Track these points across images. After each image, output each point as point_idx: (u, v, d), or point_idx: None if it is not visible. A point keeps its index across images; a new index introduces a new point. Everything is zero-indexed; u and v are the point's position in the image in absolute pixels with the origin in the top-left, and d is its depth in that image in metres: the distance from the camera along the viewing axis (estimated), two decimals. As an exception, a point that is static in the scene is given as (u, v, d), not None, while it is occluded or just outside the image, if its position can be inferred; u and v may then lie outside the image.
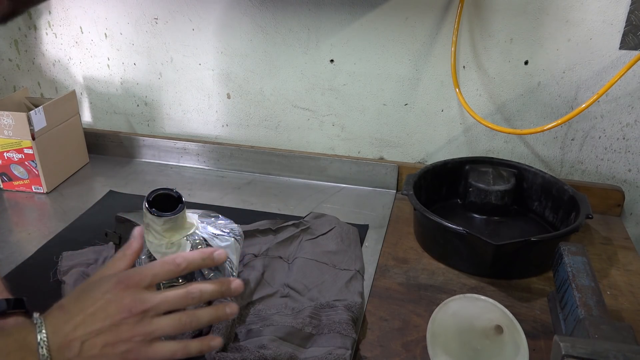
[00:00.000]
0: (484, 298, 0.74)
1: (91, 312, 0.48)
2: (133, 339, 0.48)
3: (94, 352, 0.48)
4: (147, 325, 0.49)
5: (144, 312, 0.49)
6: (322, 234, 0.94)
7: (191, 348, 0.52)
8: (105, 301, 0.49)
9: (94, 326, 0.48)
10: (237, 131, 1.24)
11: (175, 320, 0.50)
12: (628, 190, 1.06)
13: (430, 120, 1.11)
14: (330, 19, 1.07)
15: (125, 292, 0.49)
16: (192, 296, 0.51)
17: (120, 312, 0.48)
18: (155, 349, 0.50)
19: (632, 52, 0.95)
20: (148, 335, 0.49)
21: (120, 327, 0.48)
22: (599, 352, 0.56)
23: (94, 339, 0.48)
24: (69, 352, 0.47)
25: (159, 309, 0.50)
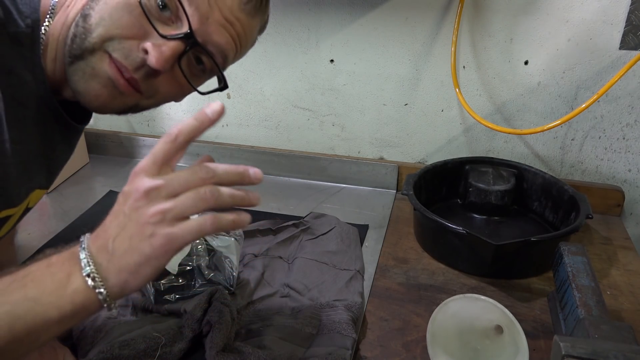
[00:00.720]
0: (484, 298, 0.74)
1: (113, 210, 0.50)
2: (151, 219, 0.47)
3: (125, 246, 0.48)
4: (163, 203, 0.47)
5: (154, 189, 0.47)
6: (322, 234, 0.94)
7: (222, 221, 0.49)
8: (121, 195, 0.49)
9: (116, 221, 0.49)
10: (237, 131, 1.24)
11: (194, 193, 0.48)
12: (628, 190, 1.06)
13: (430, 120, 1.11)
14: (330, 19, 1.07)
15: (134, 179, 0.49)
16: (204, 170, 0.49)
17: (132, 196, 0.48)
18: (182, 226, 0.47)
19: (632, 52, 0.95)
20: (167, 213, 0.47)
21: (137, 212, 0.47)
22: (599, 352, 0.56)
23: (121, 234, 0.48)
24: (106, 253, 0.48)
25: (170, 184, 0.48)
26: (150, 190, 0.47)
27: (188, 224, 0.48)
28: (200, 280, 0.76)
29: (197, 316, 0.70)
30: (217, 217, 0.49)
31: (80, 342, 0.69)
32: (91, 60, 0.56)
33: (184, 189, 0.48)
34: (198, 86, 0.64)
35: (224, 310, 0.70)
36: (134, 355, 0.66)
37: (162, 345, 0.67)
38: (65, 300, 0.47)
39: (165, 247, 0.48)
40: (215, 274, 0.77)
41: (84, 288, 0.47)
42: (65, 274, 0.47)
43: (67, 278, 0.47)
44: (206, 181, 0.49)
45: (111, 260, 0.48)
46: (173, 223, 0.47)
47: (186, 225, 0.48)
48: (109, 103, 0.59)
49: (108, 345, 0.67)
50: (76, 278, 0.47)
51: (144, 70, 0.57)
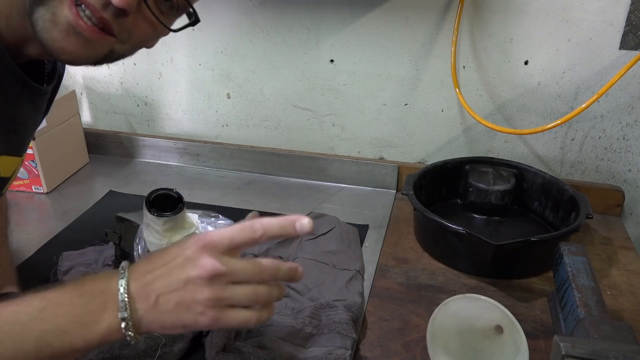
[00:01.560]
0: (484, 298, 0.74)
1: (171, 266, 0.49)
2: (207, 302, 0.48)
3: (168, 307, 0.48)
4: (222, 291, 0.48)
5: (219, 275, 0.48)
6: (322, 234, 0.93)
7: (263, 316, 0.52)
8: (184, 257, 0.49)
9: (170, 280, 0.48)
10: (237, 131, 1.24)
11: (252, 290, 0.50)
12: (628, 190, 1.06)
13: (430, 120, 1.11)
14: (330, 19, 1.07)
15: (204, 251, 0.48)
16: (267, 272, 0.51)
17: (197, 269, 0.48)
18: (229, 315, 0.49)
19: (632, 52, 0.95)
20: (222, 301, 0.48)
21: (196, 287, 0.48)
22: (599, 352, 0.56)
23: (170, 294, 0.48)
24: (146, 303, 0.48)
25: (234, 275, 0.49)
26: (216, 276, 0.48)
27: (235, 314, 0.49)
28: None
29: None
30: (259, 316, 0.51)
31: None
32: (51, 5, 0.52)
33: (246, 281, 0.50)
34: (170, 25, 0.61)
35: (224, 310, 0.70)
36: (134, 355, 0.66)
37: (162, 345, 0.68)
38: (95, 334, 0.48)
39: (207, 325, 0.49)
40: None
41: (116, 328, 0.48)
42: (99, 307, 0.48)
43: (100, 312, 0.48)
44: (267, 280, 0.51)
45: (149, 311, 0.48)
46: (223, 309, 0.49)
47: (233, 315, 0.49)
48: (78, 54, 0.55)
49: (108, 345, 0.67)
50: (109, 316, 0.48)
51: (111, 9, 0.53)
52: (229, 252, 0.50)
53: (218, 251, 0.49)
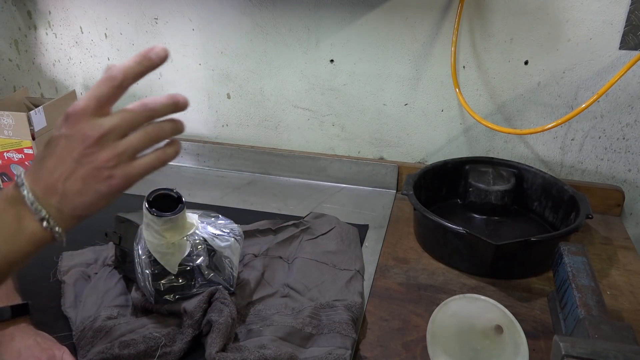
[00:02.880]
0: (484, 298, 0.74)
1: (57, 153, 0.49)
2: (107, 164, 0.49)
3: (77, 187, 0.49)
4: (115, 147, 0.49)
5: (104, 135, 0.48)
6: (322, 234, 0.94)
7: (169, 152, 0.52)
8: (62, 138, 0.49)
9: (64, 165, 0.49)
10: (237, 131, 1.24)
11: (142, 133, 0.50)
12: (628, 190, 1.06)
13: (430, 120, 1.11)
14: (330, 19, 1.07)
15: (77, 123, 0.48)
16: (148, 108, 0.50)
17: (80, 143, 0.48)
18: (136, 166, 0.50)
19: (632, 52, 0.95)
20: (121, 156, 0.49)
21: (90, 157, 0.48)
22: (599, 352, 0.56)
23: (71, 176, 0.49)
24: (55, 195, 0.49)
25: (118, 127, 0.49)
26: (101, 137, 0.48)
27: (142, 161, 0.50)
28: (200, 280, 0.75)
29: (197, 316, 0.70)
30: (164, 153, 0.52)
31: (80, 342, 0.69)
32: None
33: (131, 129, 0.50)
34: None
35: (224, 310, 0.70)
36: (134, 355, 0.66)
37: (162, 345, 0.68)
38: (23, 243, 0.49)
39: (122, 185, 0.50)
40: (215, 274, 0.76)
41: (39, 230, 0.49)
42: (14, 219, 0.48)
43: (17, 223, 0.48)
44: (148, 118, 0.50)
45: (63, 201, 0.49)
46: (128, 163, 0.49)
47: (140, 163, 0.50)
48: None
49: (108, 345, 0.67)
50: (29, 222, 0.48)
51: None
52: (101, 111, 0.49)
53: (89, 115, 0.48)
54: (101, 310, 0.74)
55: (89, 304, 0.75)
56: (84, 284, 0.81)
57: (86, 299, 0.76)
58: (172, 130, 0.52)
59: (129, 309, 0.76)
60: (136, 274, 0.75)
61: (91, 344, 0.68)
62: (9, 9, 1.24)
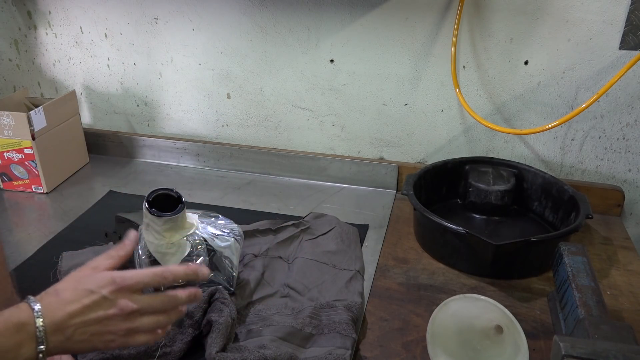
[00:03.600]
0: (484, 298, 0.74)
1: (87, 304, 0.54)
2: (118, 332, 0.56)
3: (83, 337, 0.54)
4: (132, 323, 0.56)
5: (134, 311, 0.56)
6: (322, 234, 0.93)
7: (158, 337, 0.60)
8: (101, 297, 0.55)
9: (88, 317, 0.54)
10: (237, 131, 1.24)
11: (154, 321, 0.58)
12: (628, 190, 1.06)
13: (430, 120, 1.11)
14: (330, 19, 1.07)
15: (120, 293, 0.55)
16: (171, 304, 0.59)
17: (113, 310, 0.55)
18: (134, 340, 0.57)
19: (632, 52, 0.95)
20: (131, 331, 0.56)
21: (110, 322, 0.55)
22: (599, 352, 0.56)
23: (86, 328, 0.54)
24: (62, 336, 0.53)
25: (144, 311, 0.57)
26: (132, 312, 0.56)
27: (139, 338, 0.57)
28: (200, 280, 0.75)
29: (197, 316, 0.70)
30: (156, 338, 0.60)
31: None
32: None
33: (152, 313, 0.58)
34: None
35: (224, 310, 0.70)
36: (134, 356, 0.66)
37: (162, 345, 0.68)
38: None
39: (113, 348, 0.58)
40: (215, 274, 0.76)
41: (33, 358, 0.52)
42: (16, 344, 0.51)
43: (18, 349, 0.51)
44: (167, 310, 0.59)
45: (65, 343, 0.54)
46: (132, 336, 0.57)
47: (138, 339, 0.57)
48: None
49: (108, 345, 0.67)
50: (28, 350, 0.52)
51: None
52: (141, 291, 0.58)
53: (131, 292, 0.56)
54: (101, 310, 0.74)
55: (89, 304, 0.75)
56: (84, 284, 0.81)
57: (86, 299, 0.76)
58: (175, 319, 0.60)
59: (129, 309, 0.76)
60: (136, 274, 0.75)
61: (91, 344, 0.68)
62: (9, 9, 1.24)
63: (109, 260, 0.60)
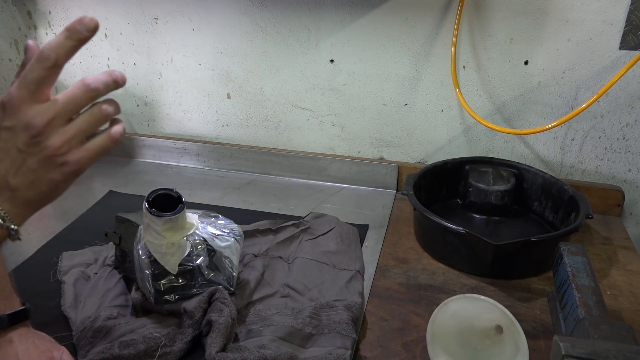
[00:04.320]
0: (484, 298, 0.74)
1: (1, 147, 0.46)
2: (58, 151, 0.47)
3: (29, 179, 0.47)
4: (64, 132, 0.47)
5: (49, 122, 0.46)
6: (322, 234, 0.93)
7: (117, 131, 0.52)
8: (4, 131, 0.46)
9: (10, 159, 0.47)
10: (237, 131, 1.24)
11: (88, 115, 0.48)
12: (628, 190, 1.06)
13: (430, 120, 1.11)
14: (330, 19, 1.07)
15: (17, 113, 0.46)
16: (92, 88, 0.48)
17: (25, 133, 0.46)
18: (88, 149, 0.49)
19: (632, 52, 0.95)
20: (71, 141, 0.47)
21: (38, 146, 0.46)
22: (599, 352, 0.56)
23: (20, 169, 0.47)
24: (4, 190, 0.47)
25: (63, 112, 0.47)
26: (47, 123, 0.45)
27: (93, 143, 0.49)
28: (200, 280, 0.75)
29: (197, 316, 0.70)
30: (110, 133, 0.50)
31: (80, 342, 0.69)
32: None
33: (76, 112, 0.48)
34: None
35: (224, 310, 0.70)
36: (134, 355, 0.66)
37: (162, 345, 0.68)
38: None
39: (77, 171, 0.49)
40: (215, 274, 0.77)
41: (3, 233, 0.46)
42: None
43: None
44: (91, 99, 0.48)
45: (15, 196, 0.47)
46: (79, 147, 0.47)
47: (92, 146, 0.49)
48: None
49: (108, 346, 0.67)
50: None
51: None
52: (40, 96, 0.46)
53: (29, 102, 0.46)
54: (101, 310, 0.74)
55: (88, 304, 0.75)
56: (84, 284, 0.81)
57: (86, 299, 0.76)
58: (115, 109, 0.51)
59: (129, 309, 0.76)
60: (136, 274, 0.75)
61: (91, 344, 0.68)
62: (9, 9, 1.24)
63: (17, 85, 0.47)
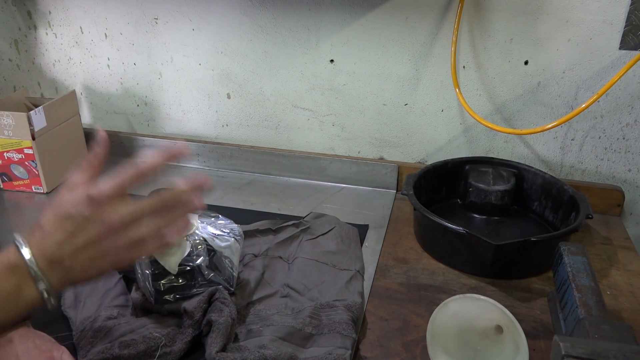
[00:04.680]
0: (484, 298, 0.74)
1: (71, 230, 0.49)
2: (119, 248, 0.50)
3: (85, 264, 0.50)
4: (129, 235, 0.50)
5: (124, 224, 0.50)
6: (322, 234, 0.93)
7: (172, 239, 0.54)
8: (82, 218, 0.49)
9: (78, 243, 0.49)
10: (237, 131, 1.24)
11: (154, 225, 0.52)
12: (628, 190, 1.06)
13: (430, 120, 1.11)
14: (330, 19, 1.07)
15: (100, 207, 0.50)
16: (166, 200, 0.52)
17: (101, 227, 0.49)
18: (141, 251, 0.52)
19: (632, 52, 0.95)
20: (132, 243, 0.51)
21: (104, 240, 0.50)
22: (599, 352, 0.56)
23: (82, 254, 0.50)
24: (61, 270, 0.49)
25: (137, 217, 0.51)
26: (122, 225, 0.50)
27: (147, 249, 0.52)
28: (200, 280, 0.75)
29: (197, 316, 0.70)
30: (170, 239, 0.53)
31: (80, 342, 0.69)
32: None
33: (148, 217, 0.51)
34: None
35: (224, 310, 0.70)
36: (134, 356, 0.66)
37: (162, 345, 0.68)
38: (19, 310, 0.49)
39: (125, 266, 0.52)
40: (215, 274, 0.77)
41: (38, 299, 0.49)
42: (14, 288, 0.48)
43: (17, 292, 0.48)
44: (165, 209, 0.53)
45: (66, 275, 0.49)
46: (136, 249, 0.51)
47: (146, 249, 0.52)
48: None
49: (108, 346, 0.67)
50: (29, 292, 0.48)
51: None
52: (122, 197, 0.51)
53: (115, 201, 0.50)
54: (101, 310, 0.74)
55: (89, 304, 0.75)
56: (84, 284, 0.81)
57: (86, 299, 0.76)
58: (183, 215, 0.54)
59: (129, 309, 0.76)
60: (136, 274, 0.75)
61: (91, 344, 0.68)
62: (9, 9, 1.24)
63: (84, 174, 0.53)
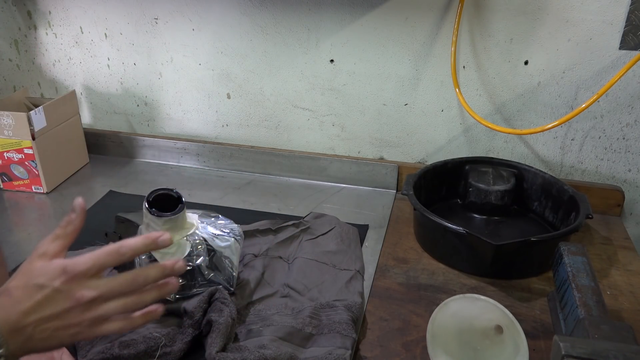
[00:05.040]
0: (484, 298, 0.74)
1: (39, 300, 0.50)
2: (82, 323, 0.51)
3: (45, 335, 0.50)
4: (95, 311, 0.51)
5: (93, 300, 0.51)
6: (322, 234, 0.94)
7: (136, 322, 0.55)
8: (53, 290, 0.50)
9: (44, 314, 0.50)
10: (237, 131, 1.24)
11: (121, 305, 0.53)
12: (628, 190, 1.06)
13: (430, 120, 1.11)
14: (330, 19, 1.07)
15: (73, 282, 0.51)
16: (138, 282, 0.53)
17: (69, 302, 0.50)
18: (103, 328, 0.53)
19: (632, 52, 0.95)
20: (96, 320, 0.52)
21: (70, 314, 0.51)
22: (598, 352, 0.56)
23: (45, 324, 0.50)
24: (21, 337, 0.50)
25: (107, 295, 0.52)
26: (91, 301, 0.51)
27: (110, 326, 0.53)
28: (200, 280, 0.76)
29: (197, 316, 0.70)
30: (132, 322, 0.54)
31: (80, 342, 0.69)
32: None
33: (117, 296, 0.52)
34: None
35: (224, 310, 0.70)
36: (134, 355, 0.66)
37: (162, 345, 0.68)
38: None
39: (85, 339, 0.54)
40: (215, 274, 0.77)
41: None
42: None
43: None
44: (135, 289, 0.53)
45: (27, 343, 0.50)
46: (99, 325, 0.52)
47: (108, 328, 0.53)
48: None
49: (108, 346, 0.67)
50: None
51: None
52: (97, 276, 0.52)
53: (87, 278, 0.51)
54: (101, 310, 0.74)
55: (89, 304, 0.75)
56: (84, 284, 0.81)
57: (86, 299, 0.76)
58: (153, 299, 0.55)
59: (129, 309, 0.76)
60: (136, 274, 0.75)
61: (91, 344, 0.68)
62: (9, 9, 1.24)
63: (57, 242, 0.54)
